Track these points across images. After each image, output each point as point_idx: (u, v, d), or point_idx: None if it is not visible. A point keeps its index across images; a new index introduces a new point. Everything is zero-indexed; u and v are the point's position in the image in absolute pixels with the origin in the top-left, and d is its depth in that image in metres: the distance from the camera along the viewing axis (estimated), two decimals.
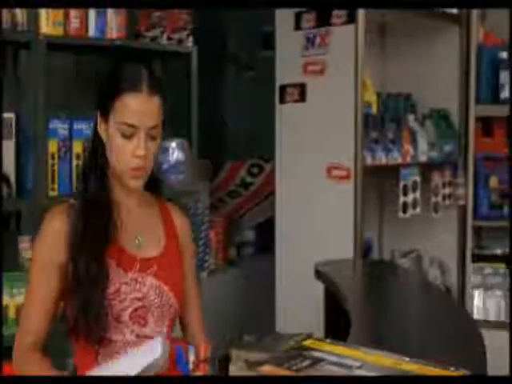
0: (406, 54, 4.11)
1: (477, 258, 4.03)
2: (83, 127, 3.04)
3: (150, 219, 2.04)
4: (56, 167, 3.00)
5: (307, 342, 1.56)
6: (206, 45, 3.62)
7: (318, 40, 3.57)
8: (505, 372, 2.97)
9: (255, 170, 4.92)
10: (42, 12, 2.91)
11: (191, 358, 1.42)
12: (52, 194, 2.99)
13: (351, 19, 3.44)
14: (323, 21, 3.55)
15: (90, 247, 1.86)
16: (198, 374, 1.39)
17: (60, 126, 3.01)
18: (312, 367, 1.42)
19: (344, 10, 3.45)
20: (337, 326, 2.75)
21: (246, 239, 4.50)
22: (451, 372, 1.39)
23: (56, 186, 3.01)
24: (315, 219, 3.60)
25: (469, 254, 3.98)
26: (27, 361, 1.86)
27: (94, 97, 1.94)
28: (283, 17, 3.70)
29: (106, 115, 1.90)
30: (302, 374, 1.39)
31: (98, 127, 1.93)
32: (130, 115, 1.85)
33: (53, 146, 2.99)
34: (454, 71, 4.00)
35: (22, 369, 1.86)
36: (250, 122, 5.06)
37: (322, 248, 3.47)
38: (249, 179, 4.90)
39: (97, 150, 1.94)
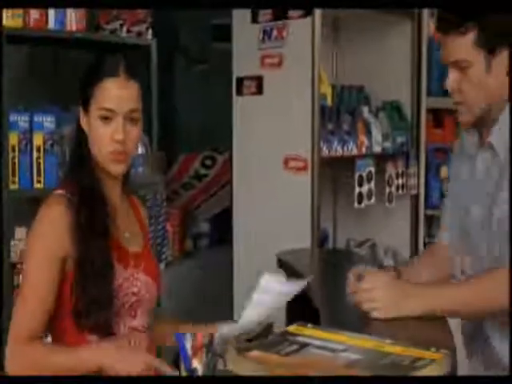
0: (359, 47, 4.14)
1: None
2: (44, 120, 3.04)
3: (128, 213, 2.06)
4: (16, 160, 2.99)
5: (291, 328, 1.61)
6: (160, 38, 3.62)
7: (274, 33, 3.59)
8: None
9: (209, 162, 4.94)
10: None
11: (189, 344, 1.45)
12: (13, 187, 2.98)
13: (307, 12, 3.48)
14: (280, 14, 3.58)
15: (95, 242, 1.84)
16: (196, 359, 1.42)
17: (20, 119, 3.00)
18: (298, 352, 1.47)
19: (299, 9, 3.48)
20: (299, 313, 2.78)
21: (201, 231, 4.52)
22: (432, 353, 1.45)
23: (17, 179, 2.99)
24: (272, 210, 3.64)
25: (421, 242, 4.07)
26: (33, 349, 1.79)
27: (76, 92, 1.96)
28: (240, 10, 3.72)
29: (86, 105, 1.92)
30: (289, 358, 1.44)
31: (81, 121, 1.95)
32: (107, 100, 1.88)
33: (13, 139, 2.97)
34: (405, 64, 4.05)
35: (27, 359, 1.79)
36: (203, 115, 5.07)
37: (279, 239, 3.50)
38: (202, 171, 4.92)
39: (80, 144, 1.95)
